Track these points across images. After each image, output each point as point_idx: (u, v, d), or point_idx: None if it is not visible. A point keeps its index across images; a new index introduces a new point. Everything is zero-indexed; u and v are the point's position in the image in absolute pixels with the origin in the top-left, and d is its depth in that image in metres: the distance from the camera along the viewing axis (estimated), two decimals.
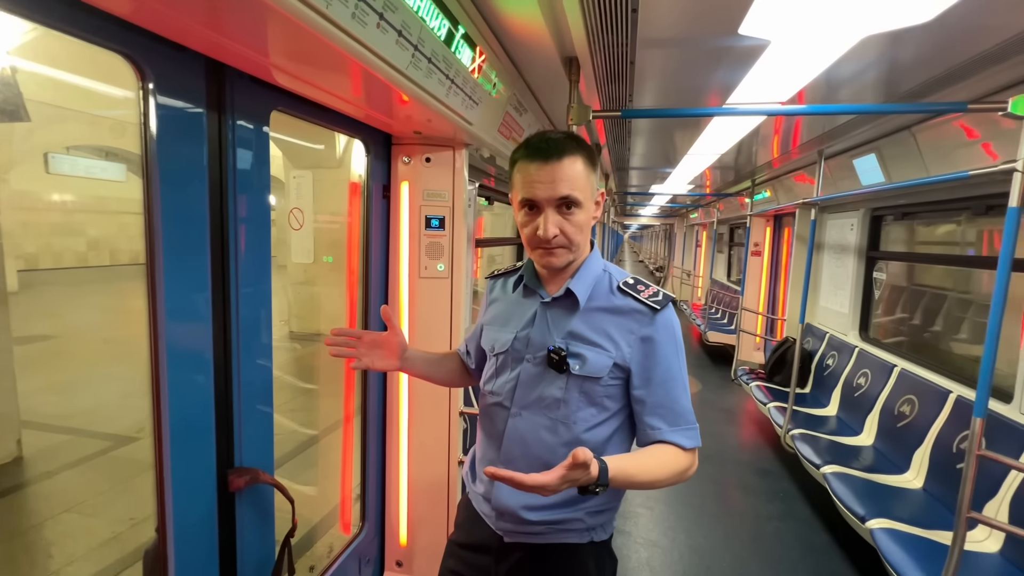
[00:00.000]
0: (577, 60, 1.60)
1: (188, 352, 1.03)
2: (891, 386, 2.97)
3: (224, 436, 1.14)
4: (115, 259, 10.01)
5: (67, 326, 6.19)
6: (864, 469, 2.62)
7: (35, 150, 3.47)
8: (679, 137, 3.07)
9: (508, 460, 1.00)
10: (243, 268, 1.15)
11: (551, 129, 0.97)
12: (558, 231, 0.92)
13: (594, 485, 0.78)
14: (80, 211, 8.78)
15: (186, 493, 1.04)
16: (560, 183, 0.90)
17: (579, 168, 0.92)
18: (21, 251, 7.34)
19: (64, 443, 3.41)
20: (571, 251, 0.95)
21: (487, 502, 1.04)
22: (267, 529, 1.27)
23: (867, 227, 3.55)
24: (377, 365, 1.08)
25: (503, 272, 1.16)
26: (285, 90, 1.21)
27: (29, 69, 1.36)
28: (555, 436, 0.97)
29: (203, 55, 0.99)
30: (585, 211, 0.94)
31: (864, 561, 2.49)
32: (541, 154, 0.91)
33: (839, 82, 1.82)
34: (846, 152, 2.97)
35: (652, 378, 0.95)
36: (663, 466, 0.91)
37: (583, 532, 1.00)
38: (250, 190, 1.16)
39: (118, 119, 3.97)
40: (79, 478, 3.01)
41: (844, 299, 3.77)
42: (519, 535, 1.01)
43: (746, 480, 3.35)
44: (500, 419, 1.02)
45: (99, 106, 2.46)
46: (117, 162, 4.80)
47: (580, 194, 0.91)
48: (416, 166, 1.77)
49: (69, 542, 2.50)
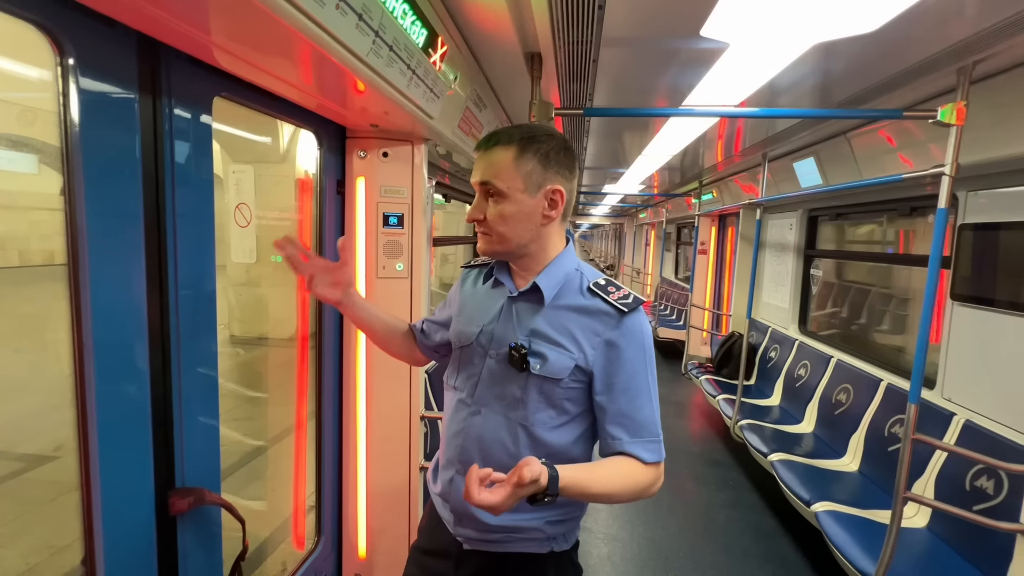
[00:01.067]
0: (540, 56, 1.58)
1: (119, 361, 0.92)
2: (828, 376, 3.17)
3: (163, 454, 1.03)
4: (25, 260, 9.06)
5: None
6: (806, 455, 2.77)
7: None
8: (634, 138, 3.13)
9: (465, 460, 0.96)
10: (183, 269, 1.05)
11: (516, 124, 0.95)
12: (481, 216, 0.93)
13: (542, 495, 0.75)
14: None
15: (119, 519, 0.93)
16: (483, 170, 0.92)
17: (507, 157, 0.90)
18: None
19: None
20: (494, 240, 0.94)
21: (446, 505, 1.01)
22: (214, 554, 1.16)
23: (804, 226, 3.77)
24: (321, 290, 1.05)
25: (477, 264, 1.12)
26: (229, 74, 1.11)
27: None
28: (512, 436, 0.93)
29: (135, 31, 0.89)
30: (512, 203, 0.91)
31: (809, 542, 2.64)
32: (481, 143, 0.93)
33: (782, 88, 1.90)
34: (787, 155, 3.13)
35: (614, 384, 0.91)
36: (621, 479, 0.88)
37: (543, 542, 0.97)
38: (191, 184, 1.05)
39: (28, 104, 3.58)
40: None
41: (784, 295, 3.99)
42: (478, 542, 0.97)
43: (698, 471, 3.48)
44: (460, 415, 0.99)
45: (3, 89, 2.18)
46: (27, 152, 4.34)
47: (501, 183, 0.90)
48: (372, 161, 1.69)
49: None
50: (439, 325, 1.16)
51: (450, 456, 0.99)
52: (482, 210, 0.93)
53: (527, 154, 0.90)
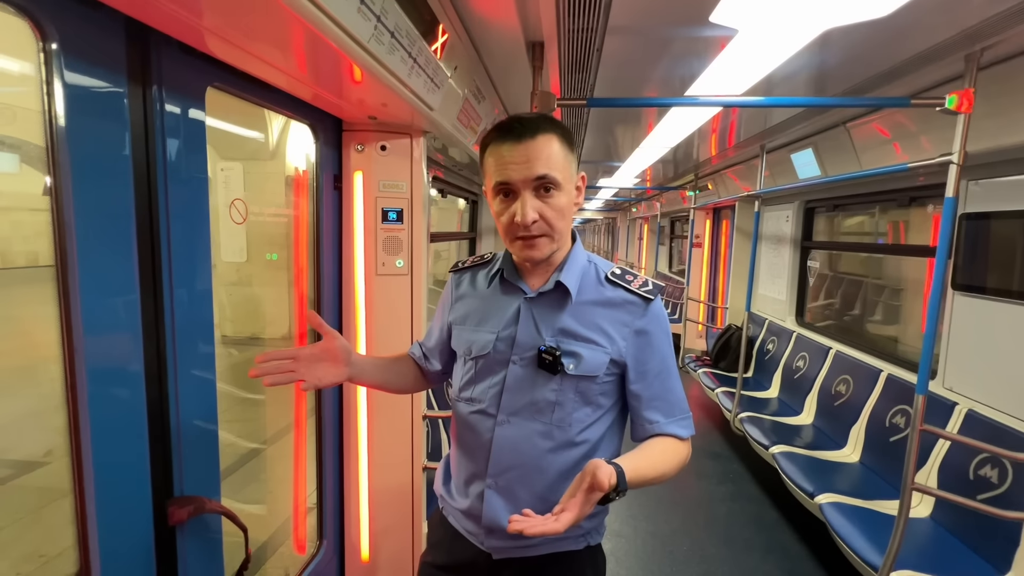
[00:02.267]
0: (542, 45, 1.54)
1: (112, 366, 0.88)
2: (827, 367, 3.17)
3: (161, 461, 0.99)
4: (9, 262, 8.88)
5: None
6: (806, 447, 2.78)
7: None
8: (631, 131, 3.10)
9: (499, 472, 0.92)
10: (178, 268, 1.00)
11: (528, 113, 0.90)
12: (537, 216, 0.84)
13: (614, 492, 0.73)
14: None
15: (115, 530, 0.89)
16: (536, 162, 0.83)
17: (555, 147, 0.85)
18: None
19: None
20: (553, 240, 0.88)
21: (472, 519, 0.96)
22: (215, 564, 1.12)
23: (801, 218, 3.77)
24: (325, 381, 0.91)
25: (470, 264, 1.06)
26: (222, 63, 1.06)
27: None
28: (549, 441, 0.90)
29: (123, 15, 0.84)
30: (566, 194, 0.87)
31: (811, 533, 2.65)
32: (514, 133, 0.84)
33: (781, 78, 1.88)
34: (785, 147, 3.12)
35: (648, 371, 0.91)
36: (667, 459, 0.88)
37: (579, 538, 0.95)
38: (184, 179, 1.00)
39: (6, 102, 3.46)
40: None
41: (781, 287, 4.00)
42: (511, 550, 0.94)
43: (699, 464, 3.48)
44: (484, 428, 0.94)
45: None
46: (6, 152, 4.22)
47: (559, 174, 0.85)
48: (371, 154, 1.64)
49: None
50: (440, 346, 1.09)
51: (475, 470, 0.95)
52: (538, 208, 0.84)
53: (566, 141, 0.87)
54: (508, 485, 0.92)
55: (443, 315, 1.08)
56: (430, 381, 1.15)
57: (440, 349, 1.09)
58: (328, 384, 0.93)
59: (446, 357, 1.10)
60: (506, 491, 0.92)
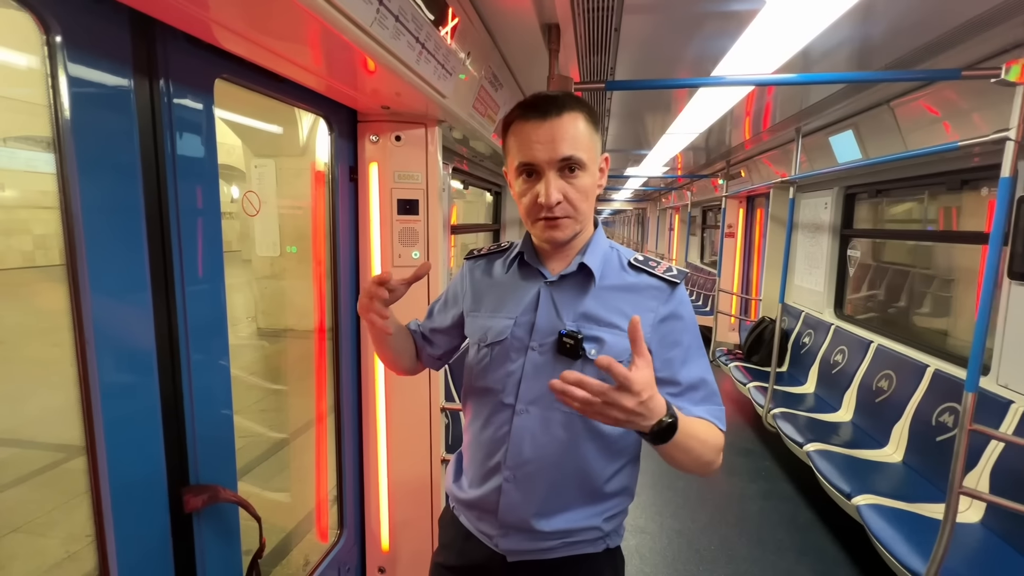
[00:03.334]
0: (558, 27, 1.49)
1: (125, 360, 0.89)
2: (868, 362, 3.01)
3: (176, 451, 1.00)
4: (49, 259, 9.43)
5: (13, 330, 5.76)
6: (844, 445, 2.64)
7: None
8: (658, 116, 3.00)
9: (518, 464, 0.89)
10: (188, 261, 1.01)
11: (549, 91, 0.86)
12: (561, 197, 0.82)
13: (667, 415, 0.69)
14: (24, 207, 8.19)
15: (132, 518, 0.91)
16: (561, 142, 0.79)
17: (581, 126, 0.81)
18: None
19: (9, 457, 3.15)
20: (577, 221, 0.85)
21: (487, 517, 0.92)
22: (232, 551, 1.14)
23: (841, 205, 3.57)
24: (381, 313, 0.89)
25: (486, 252, 1.04)
26: (230, 54, 1.06)
27: None
28: (570, 431, 0.87)
29: (126, 7, 0.84)
30: (590, 175, 0.84)
31: (850, 536, 2.53)
32: (538, 111, 0.80)
33: (819, 54, 1.76)
34: (823, 129, 2.95)
35: (674, 358, 0.87)
36: (708, 432, 0.82)
37: (597, 541, 0.92)
38: (194, 171, 1.01)
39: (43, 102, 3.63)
40: (27, 494, 2.78)
41: (819, 277, 3.81)
42: (527, 553, 0.90)
43: (728, 460, 3.37)
44: (502, 419, 0.90)
45: (33, 87, 2.20)
46: (46, 152, 4.43)
47: (584, 155, 0.81)
48: (385, 145, 1.63)
49: (18, 564, 2.30)
50: (445, 332, 1.05)
51: (492, 463, 0.91)
52: (562, 189, 0.81)
53: (592, 120, 0.83)
54: (527, 477, 0.89)
55: (451, 299, 1.06)
56: (423, 363, 1.11)
57: (443, 334, 1.06)
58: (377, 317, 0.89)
59: (444, 344, 1.07)
60: (524, 484, 0.89)
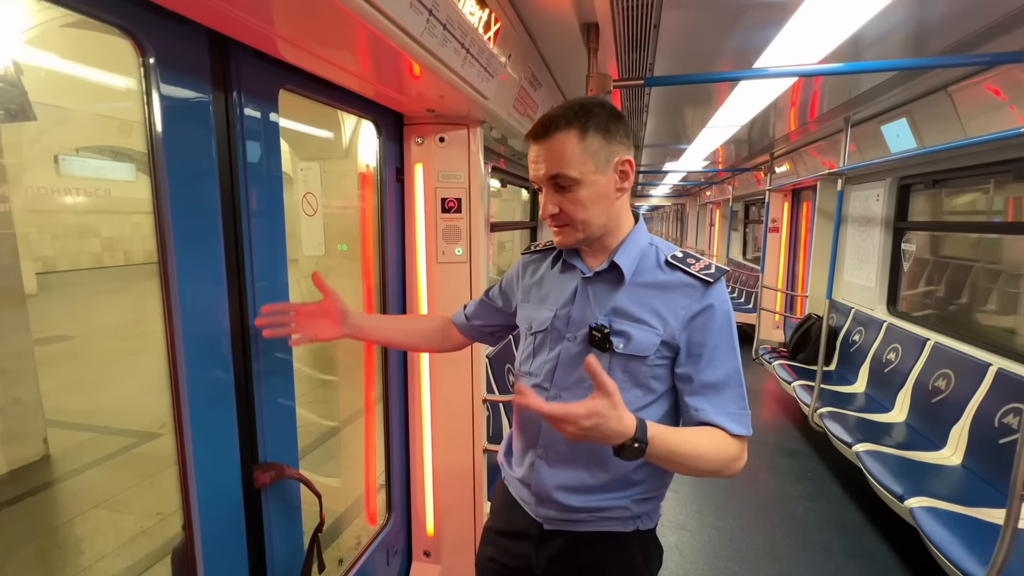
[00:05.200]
0: (597, 26, 1.51)
1: (206, 349, 0.99)
2: (924, 361, 2.87)
3: (247, 432, 1.10)
4: (129, 259, 10.16)
5: (86, 326, 6.27)
6: (898, 446, 2.54)
7: (46, 152, 3.51)
8: (697, 110, 2.96)
9: (548, 443, 0.95)
10: (258, 261, 1.10)
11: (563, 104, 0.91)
12: (557, 209, 0.89)
13: (630, 441, 0.74)
14: (93, 212, 8.86)
15: (211, 490, 1.01)
16: (548, 163, 0.87)
17: (571, 143, 0.86)
18: (39, 254, 7.46)
19: (89, 441, 3.45)
20: (577, 229, 0.91)
21: (526, 487, 1.00)
22: (295, 524, 1.24)
23: (895, 197, 3.41)
24: (321, 335, 1.08)
25: (541, 248, 1.10)
26: (292, 67, 1.15)
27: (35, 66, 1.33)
28: None
29: (205, 28, 0.93)
30: (588, 186, 0.88)
31: (902, 540, 2.43)
32: (534, 133, 0.89)
33: (870, 40, 1.70)
34: (873, 118, 2.83)
35: (701, 355, 0.89)
36: (708, 445, 0.85)
37: (628, 520, 0.96)
38: (262, 177, 1.10)
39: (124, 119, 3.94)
40: (106, 475, 3.04)
41: (870, 273, 3.65)
42: (561, 523, 0.96)
43: (773, 460, 3.29)
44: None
45: (103, 102, 2.41)
46: (125, 162, 4.80)
47: (573, 171, 0.86)
48: (429, 146, 1.70)
49: (99, 538, 2.52)
50: (493, 309, 1.17)
51: (528, 442, 0.99)
52: (557, 203, 0.89)
53: (589, 132, 0.87)
54: (557, 456, 0.95)
55: (506, 286, 1.14)
56: (455, 339, 1.23)
57: (490, 309, 1.17)
58: (324, 339, 1.08)
59: (488, 318, 1.18)
60: (555, 462, 0.95)
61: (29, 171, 2.65)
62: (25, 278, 3.33)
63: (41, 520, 2.64)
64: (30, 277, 4.92)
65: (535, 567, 1.00)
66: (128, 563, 2.33)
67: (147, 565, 2.31)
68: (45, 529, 2.59)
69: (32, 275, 5.13)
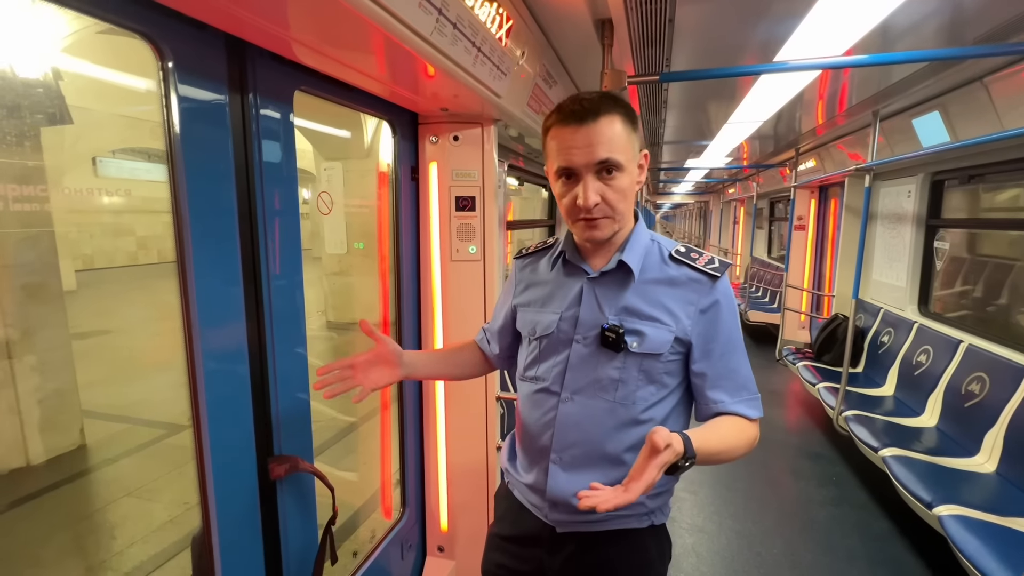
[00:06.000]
0: (611, 22, 1.49)
1: (222, 345, 1.02)
2: (956, 363, 2.76)
3: (263, 425, 1.13)
4: (162, 257, 10.54)
5: (121, 321, 6.52)
6: (928, 452, 2.45)
7: (84, 155, 3.68)
8: (718, 105, 2.90)
9: (563, 447, 0.94)
10: (273, 258, 1.12)
11: (589, 92, 0.89)
12: (599, 199, 0.85)
13: (683, 460, 0.73)
14: (128, 212, 9.22)
15: (227, 481, 1.04)
16: (598, 146, 0.83)
17: (618, 128, 0.84)
18: (78, 252, 7.80)
19: (122, 432, 3.59)
20: (615, 221, 0.89)
21: (537, 493, 0.98)
22: (309, 516, 1.26)
23: (927, 193, 3.28)
24: (380, 383, 1.01)
25: (535, 250, 1.09)
26: (307, 68, 1.17)
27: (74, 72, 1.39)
28: (613, 418, 0.91)
29: (223, 32, 0.95)
30: (628, 175, 0.87)
31: (930, 549, 2.35)
32: (576, 117, 0.83)
33: (900, 30, 1.64)
34: (904, 112, 2.73)
35: (713, 350, 0.89)
36: (735, 435, 0.86)
37: (643, 516, 0.95)
38: (277, 177, 1.12)
39: (156, 121, 4.10)
40: (137, 464, 3.17)
41: (900, 272, 3.53)
42: (574, 524, 0.95)
43: (796, 464, 3.21)
44: (547, 406, 0.96)
45: (136, 105, 2.52)
46: (158, 163, 4.99)
47: (621, 156, 0.84)
48: (444, 145, 1.71)
49: (130, 525, 2.63)
50: (504, 330, 1.13)
51: (541, 446, 0.97)
52: (600, 191, 0.84)
53: (629, 119, 0.86)
54: (572, 461, 0.94)
55: (507, 299, 1.11)
56: (492, 365, 1.19)
57: (502, 332, 1.13)
58: (383, 385, 1.02)
59: (507, 340, 1.13)
60: (570, 466, 0.94)
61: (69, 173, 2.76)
62: (65, 275, 3.49)
63: (77, 507, 2.76)
64: (70, 274, 5.13)
65: (548, 571, 0.99)
66: (156, 550, 2.42)
67: (174, 552, 2.39)
68: (81, 515, 2.71)
69: (72, 272, 5.36)
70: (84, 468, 3.08)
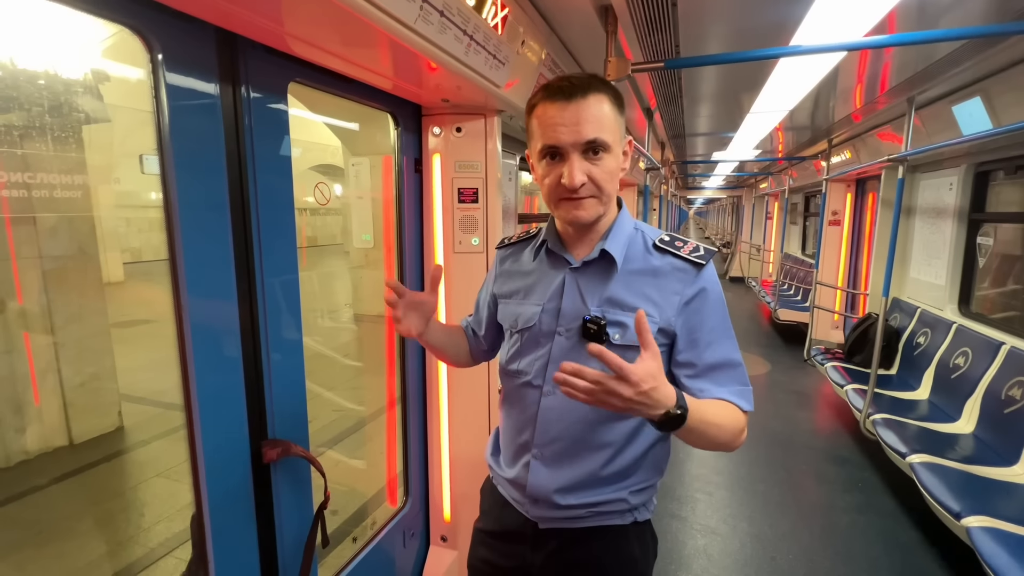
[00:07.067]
0: (613, 9, 1.46)
1: (213, 331, 1.04)
2: (997, 367, 2.59)
3: (256, 409, 1.16)
4: None
5: (163, 311, 6.85)
6: (962, 460, 2.31)
7: (131, 153, 3.87)
8: (739, 94, 2.80)
9: (545, 442, 0.92)
10: (267, 248, 1.15)
11: (580, 72, 0.86)
12: (586, 178, 0.82)
13: (675, 407, 0.70)
14: (157, 207, 9.69)
15: (219, 463, 1.07)
16: (586, 124, 0.80)
17: (606, 108, 0.82)
18: (127, 245, 8.24)
19: (156, 415, 3.77)
20: (601, 202, 0.86)
21: (518, 488, 0.97)
22: (304, 500, 1.29)
23: (971, 185, 3.08)
24: (411, 329, 0.97)
25: (515, 240, 1.07)
26: (302, 60, 1.19)
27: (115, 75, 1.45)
28: (596, 412, 0.89)
29: (212, 25, 0.98)
30: (614, 157, 0.84)
31: (961, 563, 2.21)
32: (563, 93, 0.81)
33: (937, 5, 1.53)
34: (942, 98, 2.57)
35: (700, 339, 0.86)
36: (726, 416, 0.82)
37: (625, 513, 0.93)
38: (271, 169, 1.14)
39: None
40: (167, 447, 3.32)
41: (940, 269, 3.33)
42: (556, 521, 0.94)
43: (819, 468, 3.09)
44: (530, 400, 0.94)
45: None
46: None
47: (609, 136, 0.82)
48: (447, 137, 1.71)
49: (158, 503, 2.76)
50: (488, 323, 1.10)
51: (522, 441, 0.96)
52: (586, 171, 0.82)
53: (617, 102, 0.85)
54: (554, 456, 0.92)
55: (488, 291, 1.10)
56: (475, 359, 1.17)
57: (487, 328, 1.12)
58: (409, 332, 0.97)
59: (491, 336, 1.12)
60: (551, 461, 0.92)
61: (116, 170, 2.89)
62: (112, 267, 3.66)
63: (112, 484, 2.93)
64: (117, 266, 5.41)
65: (531, 567, 0.98)
66: (180, 528, 2.54)
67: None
68: (115, 492, 2.87)
69: (120, 264, 5.65)
70: (120, 448, 3.25)
